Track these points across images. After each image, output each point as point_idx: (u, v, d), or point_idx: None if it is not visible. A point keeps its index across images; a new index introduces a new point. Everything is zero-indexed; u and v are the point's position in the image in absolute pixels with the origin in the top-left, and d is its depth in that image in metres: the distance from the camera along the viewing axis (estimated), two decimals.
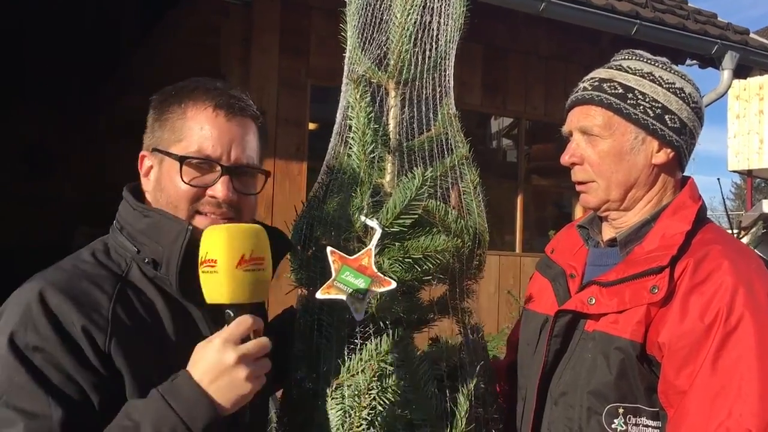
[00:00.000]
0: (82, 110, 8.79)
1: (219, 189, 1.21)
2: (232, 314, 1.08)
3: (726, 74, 6.14)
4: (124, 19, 8.00)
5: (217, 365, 1.04)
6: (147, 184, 1.27)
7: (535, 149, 6.51)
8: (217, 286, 1.07)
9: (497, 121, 6.74)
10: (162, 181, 1.24)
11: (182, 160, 1.20)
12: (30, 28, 7.82)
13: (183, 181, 1.20)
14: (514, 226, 6.11)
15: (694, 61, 6.57)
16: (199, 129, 1.22)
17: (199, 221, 1.22)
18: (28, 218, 8.67)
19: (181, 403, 1.03)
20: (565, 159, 1.48)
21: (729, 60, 6.07)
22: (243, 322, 1.07)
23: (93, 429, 1.03)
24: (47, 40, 8.11)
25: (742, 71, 6.55)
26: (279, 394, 1.48)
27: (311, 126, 5.09)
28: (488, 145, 6.68)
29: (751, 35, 6.53)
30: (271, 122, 4.84)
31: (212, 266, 1.06)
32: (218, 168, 1.22)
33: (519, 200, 6.16)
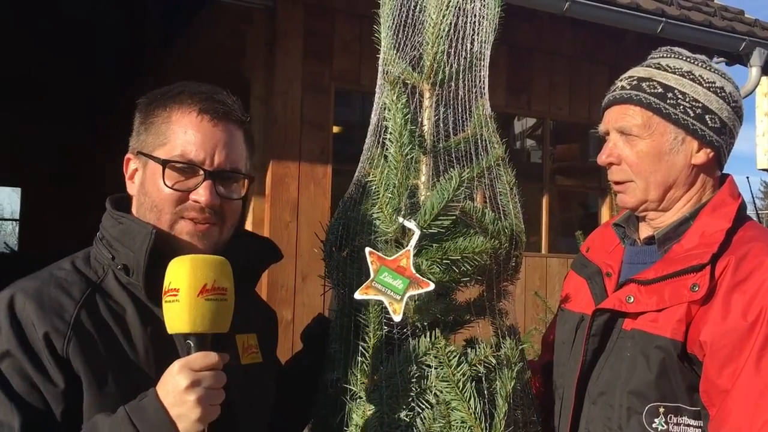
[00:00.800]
0: (108, 115, 8.94)
1: (202, 194, 1.21)
2: (192, 344, 1.07)
3: (754, 71, 6.03)
4: (148, 25, 8.10)
5: (172, 389, 1.05)
6: (131, 188, 1.28)
7: (560, 149, 6.46)
8: (178, 315, 1.06)
9: (521, 122, 6.70)
10: (146, 185, 1.25)
11: (165, 163, 1.21)
12: (56, 32, 7.96)
13: (166, 185, 1.20)
14: (540, 227, 6.07)
15: (722, 59, 6.47)
16: (183, 133, 1.22)
17: (182, 226, 1.22)
18: (60, 222, 8.82)
19: (146, 424, 1.04)
20: (602, 159, 1.47)
21: (757, 57, 5.97)
22: (209, 357, 1.06)
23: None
24: (74, 45, 8.24)
25: None
26: None
27: (335, 129, 5.10)
28: (512, 146, 6.64)
29: None
30: (295, 125, 4.86)
31: (174, 295, 1.06)
32: (201, 172, 1.22)
33: (544, 201, 6.11)
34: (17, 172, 9.88)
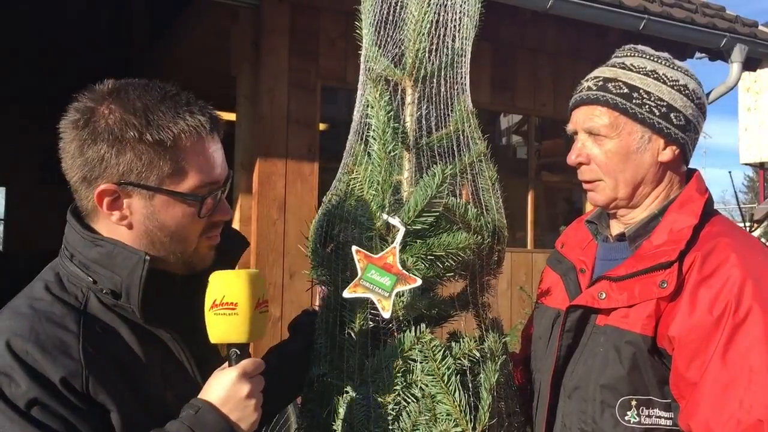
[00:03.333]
0: None
1: (226, 211, 1.22)
2: (239, 352, 1.14)
3: (735, 67, 6.11)
4: (134, 23, 8.05)
5: (234, 396, 1.10)
6: (115, 219, 1.16)
7: (545, 146, 6.51)
8: (236, 327, 1.11)
9: (506, 118, 6.74)
10: (160, 218, 1.16)
11: (202, 199, 1.16)
12: (43, 32, 7.89)
13: (200, 217, 1.18)
14: (526, 222, 6.11)
15: (703, 55, 6.54)
16: (200, 158, 1.16)
17: (203, 243, 1.21)
18: (44, 224, 8.74)
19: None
20: (572, 159, 1.50)
21: (738, 53, 6.04)
22: (258, 364, 1.15)
23: None
24: (61, 45, 8.18)
25: (751, 64, 6.50)
26: (298, 399, 1.51)
27: (322, 126, 5.11)
28: (498, 143, 6.68)
29: (760, 27, 6.49)
30: (281, 123, 4.86)
31: (232, 309, 1.11)
32: (218, 190, 1.20)
33: (530, 197, 6.15)
34: (1, 172, 9.80)
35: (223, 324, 1.11)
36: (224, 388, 1.11)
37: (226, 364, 1.14)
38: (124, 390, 1.11)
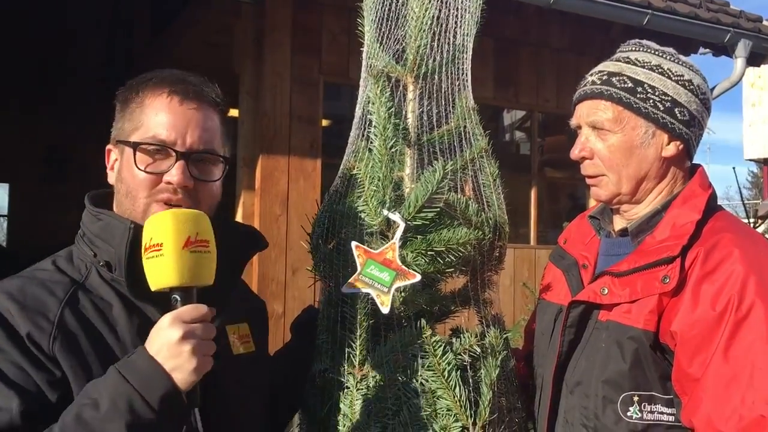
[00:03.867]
0: (98, 111, 8.90)
1: (174, 174, 1.20)
2: (179, 299, 1.07)
3: (739, 62, 6.09)
4: (137, 20, 8.06)
5: (165, 341, 1.05)
6: (111, 177, 1.28)
7: (548, 141, 6.50)
8: (163, 269, 1.05)
9: (509, 114, 6.73)
10: (122, 172, 1.24)
11: (136, 146, 1.20)
12: (45, 28, 7.90)
13: (138, 168, 1.20)
14: (529, 218, 6.11)
15: (707, 50, 6.51)
16: (154, 115, 1.22)
17: (155, 209, 1.20)
18: (47, 220, 8.77)
19: (136, 375, 1.03)
20: (575, 153, 1.49)
21: (742, 48, 6.02)
22: (199, 308, 1.07)
23: (52, 420, 1.05)
24: (63, 41, 8.19)
25: (755, 59, 6.48)
26: None
27: (324, 123, 5.11)
28: (501, 138, 6.67)
29: (765, 22, 6.46)
30: (284, 120, 4.86)
31: (158, 249, 1.05)
32: (173, 153, 1.20)
33: (533, 193, 6.15)
34: (5, 168, 9.82)
35: (153, 267, 1.06)
36: (157, 334, 1.06)
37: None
38: (93, 362, 1.13)
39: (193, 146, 1.22)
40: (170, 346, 1.04)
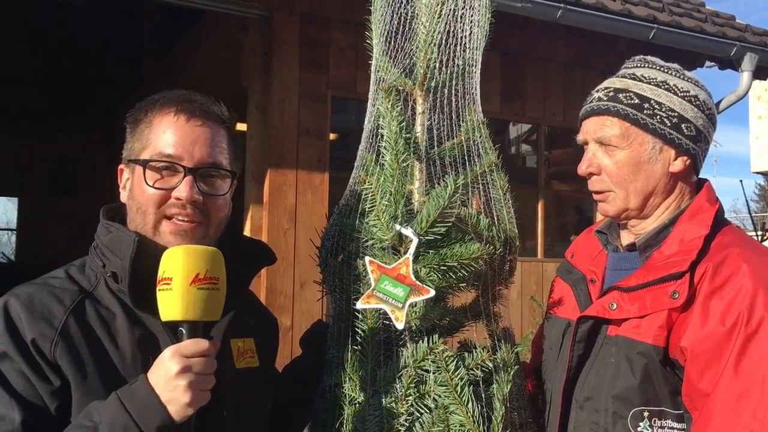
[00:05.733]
0: (106, 126, 8.98)
1: (183, 190, 1.23)
2: (184, 332, 1.11)
3: (745, 76, 6.08)
4: (146, 35, 8.13)
5: (164, 374, 1.08)
6: (123, 196, 1.32)
7: (555, 155, 6.50)
8: (171, 302, 1.10)
9: (516, 128, 6.74)
10: (133, 189, 1.28)
11: (145, 164, 1.25)
12: (54, 44, 7.98)
13: (147, 184, 1.24)
14: (536, 231, 6.10)
15: (713, 63, 6.52)
16: (162, 133, 1.26)
17: (165, 225, 1.24)
18: (56, 234, 8.81)
19: (136, 405, 1.07)
20: (582, 169, 1.49)
21: (748, 62, 6.02)
22: (200, 344, 1.11)
23: (48, 430, 1.11)
24: (72, 57, 8.26)
25: (761, 72, 6.47)
26: None
27: (332, 136, 5.13)
28: (507, 152, 6.67)
29: None
30: (292, 134, 4.88)
31: (168, 284, 1.10)
32: (181, 169, 1.24)
33: (540, 206, 6.14)
34: (14, 182, 9.88)
35: (163, 300, 1.11)
36: (158, 366, 1.10)
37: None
38: (92, 369, 1.16)
39: (200, 162, 1.25)
40: (168, 379, 1.08)
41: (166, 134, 1.25)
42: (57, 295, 1.21)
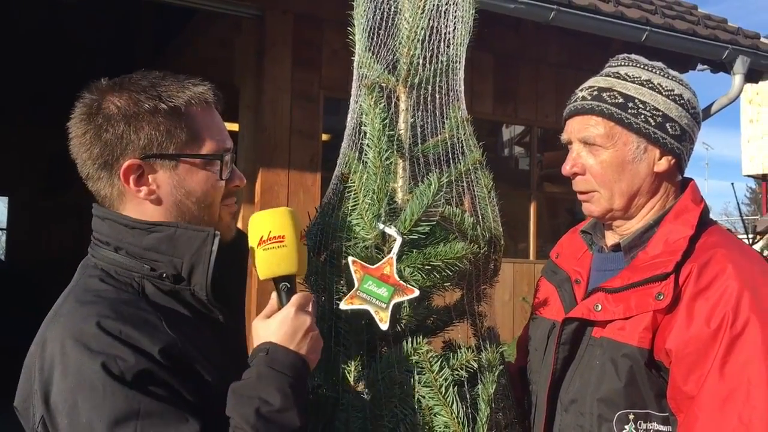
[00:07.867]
0: None
1: (243, 177, 1.28)
2: (288, 285, 1.20)
3: (737, 79, 6.10)
4: (138, 34, 8.11)
5: (300, 329, 1.15)
6: (143, 194, 1.18)
7: (547, 156, 6.50)
8: (285, 258, 1.18)
9: (509, 129, 6.74)
10: (186, 185, 1.19)
11: (221, 157, 1.21)
12: (47, 43, 7.95)
13: (222, 178, 1.22)
14: (528, 233, 6.10)
15: (705, 66, 6.54)
16: (211, 123, 1.22)
17: (223, 212, 1.25)
18: (46, 233, 8.76)
19: (288, 368, 1.12)
20: (567, 169, 1.48)
21: (740, 64, 6.04)
22: (308, 295, 1.21)
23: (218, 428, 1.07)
24: (64, 56, 8.23)
25: (753, 75, 6.50)
26: None
27: (324, 137, 5.12)
28: (500, 153, 6.68)
29: (762, 39, 6.49)
30: (284, 134, 4.87)
31: (280, 241, 1.18)
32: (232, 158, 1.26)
33: (532, 207, 6.14)
34: (4, 181, 9.82)
35: (274, 258, 1.18)
36: (286, 324, 1.15)
37: (264, 312, 1.19)
38: (198, 363, 1.15)
39: (231, 147, 1.27)
40: (303, 332, 1.15)
41: (214, 124, 1.23)
42: (134, 304, 1.12)
